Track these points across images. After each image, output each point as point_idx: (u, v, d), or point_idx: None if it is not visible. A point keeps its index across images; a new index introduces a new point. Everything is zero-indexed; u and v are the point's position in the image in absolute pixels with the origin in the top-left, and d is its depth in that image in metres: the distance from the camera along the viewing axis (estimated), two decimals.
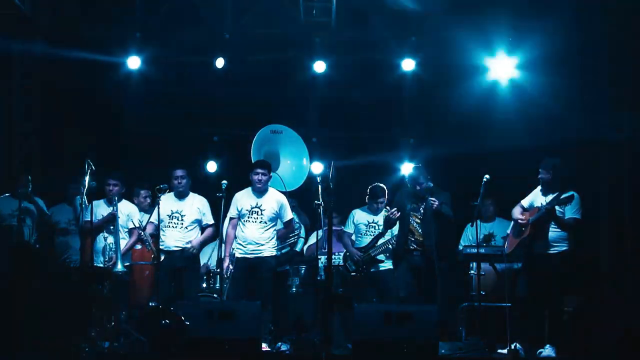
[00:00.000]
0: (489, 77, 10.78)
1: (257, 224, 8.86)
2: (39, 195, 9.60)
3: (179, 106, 11.20)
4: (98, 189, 8.92)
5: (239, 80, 10.97)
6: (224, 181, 8.91)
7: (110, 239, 9.02)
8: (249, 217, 8.87)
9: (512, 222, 8.80)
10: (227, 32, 10.46)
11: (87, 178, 8.64)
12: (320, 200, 8.74)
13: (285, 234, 9.18)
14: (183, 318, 7.88)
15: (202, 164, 11.02)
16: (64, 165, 10.24)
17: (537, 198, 8.62)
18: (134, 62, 10.56)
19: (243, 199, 8.93)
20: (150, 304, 9.08)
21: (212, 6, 10.48)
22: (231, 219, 8.95)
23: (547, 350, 8.27)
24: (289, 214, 9.00)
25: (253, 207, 8.89)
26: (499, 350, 8.50)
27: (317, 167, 10.44)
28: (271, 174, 8.98)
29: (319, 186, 8.71)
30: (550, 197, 8.44)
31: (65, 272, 8.23)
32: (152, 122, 11.18)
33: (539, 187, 8.65)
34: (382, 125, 11.34)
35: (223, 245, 8.97)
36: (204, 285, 9.48)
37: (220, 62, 10.52)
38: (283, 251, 9.23)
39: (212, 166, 10.99)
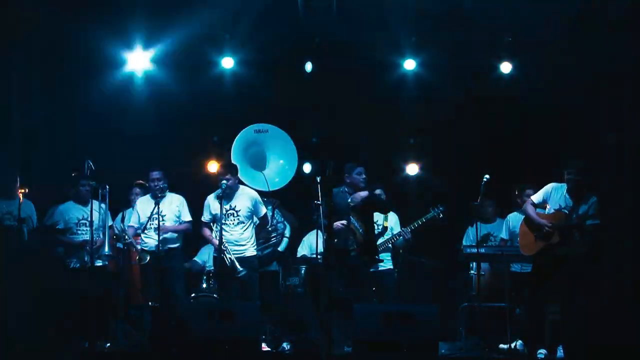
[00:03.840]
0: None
1: (236, 225, 8.87)
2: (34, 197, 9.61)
3: (179, 106, 11.19)
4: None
5: (238, 80, 10.96)
6: (224, 181, 8.91)
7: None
8: (225, 220, 8.85)
9: (524, 220, 8.65)
10: (227, 32, 10.44)
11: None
12: (320, 201, 8.75)
13: (261, 227, 9.15)
14: (183, 318, 7.89)
15: (202, 164, 11.00)
16: (64, 165, 10.22)
17: (554, 197, 8.47)
18: (134, 62, 10.54)
19: (215, 203, 8.91)
20: (150, 303, 9.08)
21: (212, 6, 10.47)
22: (205, 223, 8.95)
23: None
24: (262, 209, 9.04)
25: (228, 210, 8.88)
26: (500, 345, 8.48)
27: (315, 167, 10.45)
28: (237, 176, 8.97)
29: (319, 186, 8.72)
30: (571, 201, 8.34)
31: (65, 272, 8.24)
32: (152, 121, 11.17)
33: (557, 185, 8.51)
34: (383, 125, 11.34)
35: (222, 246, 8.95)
36: (204, 285, 9.48)
37: (229, 62, 10.51)
38: (266, 252, 9.20)
39: (212, 166, 10.98)
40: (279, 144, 9.78)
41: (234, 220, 8.89)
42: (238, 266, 8.72)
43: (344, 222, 8.61)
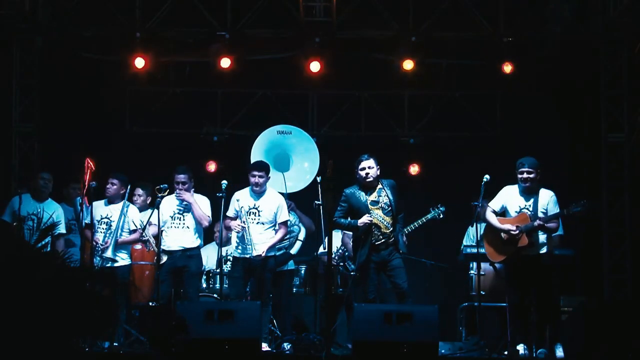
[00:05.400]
0: None
1: (255, 225, 8.86)
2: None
3: (179, 106, 11.19)
4: (97, 188, 8.95)
5: (239, 80, 10.96)
6: (224, 181, 8.91)
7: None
8: (247, 218, 8.86)
9: (486, 228, 8.61)
10: (227, 32, 10.45)
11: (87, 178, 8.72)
12: (321, 201, 8.75)
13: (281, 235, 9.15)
14: (183, 318, 7.88)
15: (202, 164, 10.99)
16: (64, 165, 10.22)
17: (511, 200, 8.46)
18: (134, 62, 10.54)
19: (242, 199, 8.93)
20: (150, 303, 9.08)
21: (211, 6, 10.48)
22: (229, 217, 8.95)
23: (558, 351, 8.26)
24: (284, 216, 8.99)
25: (251, 208, 8.88)
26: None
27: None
28: (269, 176, 8.97)
29: (319, 186, 8.71)
30: (528, 199, 8.34)
31: (65, 272, 8.21)
32: (151, 121, 11.17)
33: (510, 187, 8.51)
34: (383, 125, 11.33)
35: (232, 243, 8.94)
36: (204, 285, 9.47)
37: (225, 62, 10.51)
38: (278, 253, 9.17)
39: (211, 166, 10.97)
40: (302, 146, 9.79)
41: (254, 219, 8.87)
42: (254, 248, 8.73)
43: (370, 218, 8.41)
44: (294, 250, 9.66)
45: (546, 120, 10.82)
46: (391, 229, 8.46)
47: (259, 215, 8.87)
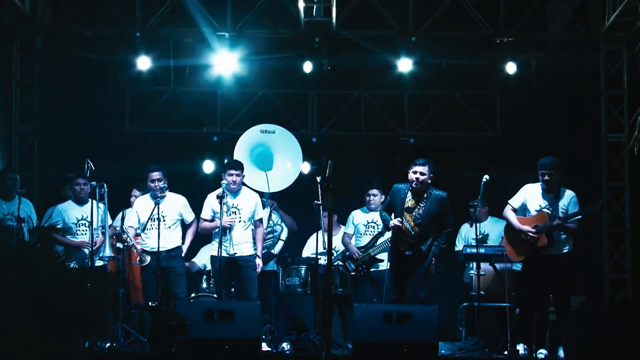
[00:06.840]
0: None
1: (237, 224, 8.86)
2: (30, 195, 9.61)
3: (179, 106, 11.19)
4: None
5: (239, 80, 10.96)
6: (224, 181, 8.90)
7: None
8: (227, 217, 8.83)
9: (506, 227, 8.59)
10: (227, 32, 10.45)
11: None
12: (320, 200, 8.74)
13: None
14: (183, 318, 7.88)
15: (201, 164, 10.99)
16: (64, 165, 10.23)
17: (532, 199, 8.43)
18: (134, 62, 10.54)
19: (218, 200, 8.88)
20: (150, 303, 9.07)
21: (211, 6, 10.48)
22: (205, 220, 8.95)
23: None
24: (260, 212, 9.03)
25: (230, 208, 8.88)
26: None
27: (311, 167, 10.43)
28: (244, 173, 8.97)
29: (319, 186, 8.70)
30: (549, 198, 8.33)
31: (65, 272, 8.21)
32: (151, 121, 11.17)
33: (532, 185, 8.48)
34: (383, 125, 11.33)
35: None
36: (204, 285, 9.47)
37: (230, 61, 10.51)
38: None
39: (209, 166, 10.95)
40: (286, 146, 9.78)
41: (235, 218, 8.88)
42: (233, 247, 8.76)
43: (399, 222, 8.33)
44: (276, 250, 9.65)
45: (546, 120, 10.80)
46: (418, 239, 8.35)
47: (239, 214, 8.88)
